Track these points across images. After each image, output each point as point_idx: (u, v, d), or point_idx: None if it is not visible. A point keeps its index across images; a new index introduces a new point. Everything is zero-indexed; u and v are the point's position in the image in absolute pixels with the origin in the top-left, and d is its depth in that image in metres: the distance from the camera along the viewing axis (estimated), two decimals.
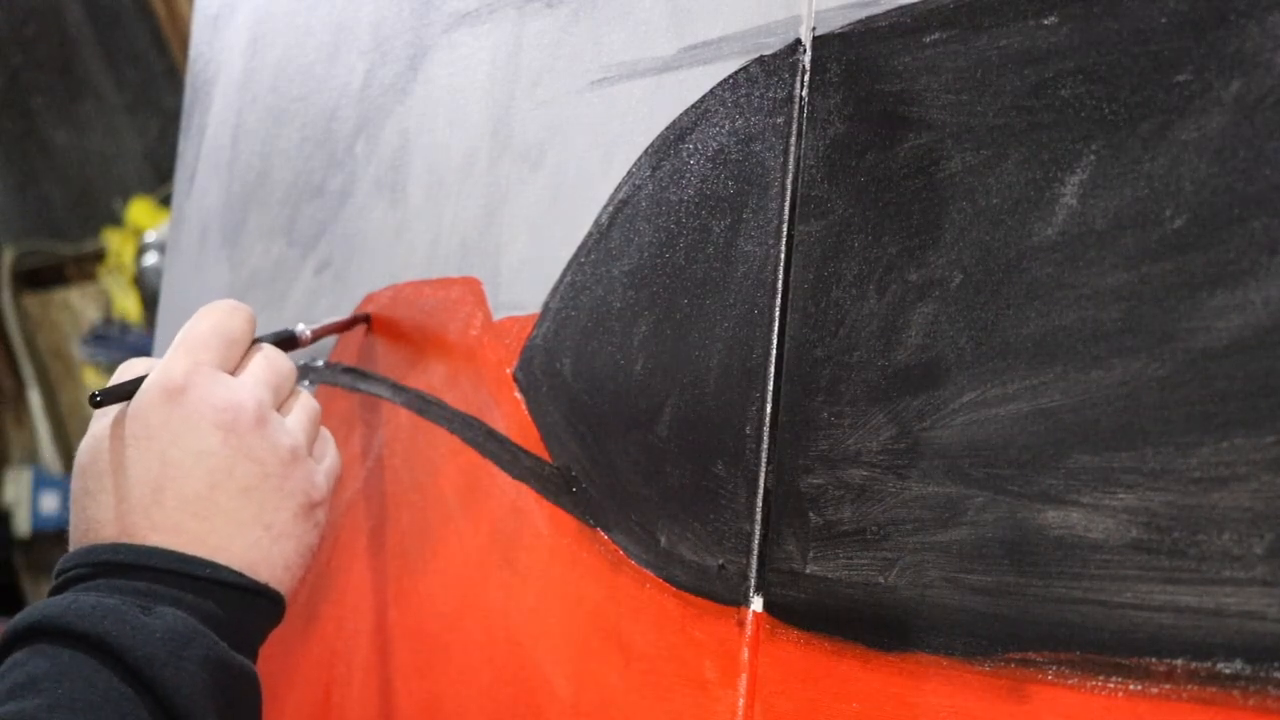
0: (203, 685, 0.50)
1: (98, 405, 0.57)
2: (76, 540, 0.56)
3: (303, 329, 0.70)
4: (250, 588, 0.55)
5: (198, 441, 0.55)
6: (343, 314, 0.81)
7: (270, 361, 0.60)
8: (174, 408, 0.55)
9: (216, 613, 0.53)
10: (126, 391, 0.57)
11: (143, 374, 0.57)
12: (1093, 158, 0.41)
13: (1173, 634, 0.37)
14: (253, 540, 0.55)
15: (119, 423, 0.56)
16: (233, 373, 0.59)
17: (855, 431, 0.47)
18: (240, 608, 0.54)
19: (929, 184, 0.46)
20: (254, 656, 0.55)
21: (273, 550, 0.56)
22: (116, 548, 0.53)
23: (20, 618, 0.51)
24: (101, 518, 0.55)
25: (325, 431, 0.64)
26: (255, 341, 0.62)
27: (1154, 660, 0.37)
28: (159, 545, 0.53)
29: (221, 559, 0.54)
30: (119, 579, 0.52)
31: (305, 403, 0.62)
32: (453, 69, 0.74)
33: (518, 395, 0.65)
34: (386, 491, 0.75)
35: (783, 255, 0.52)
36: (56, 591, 0.53)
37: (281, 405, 0.60)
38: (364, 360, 0.79)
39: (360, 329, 0.79)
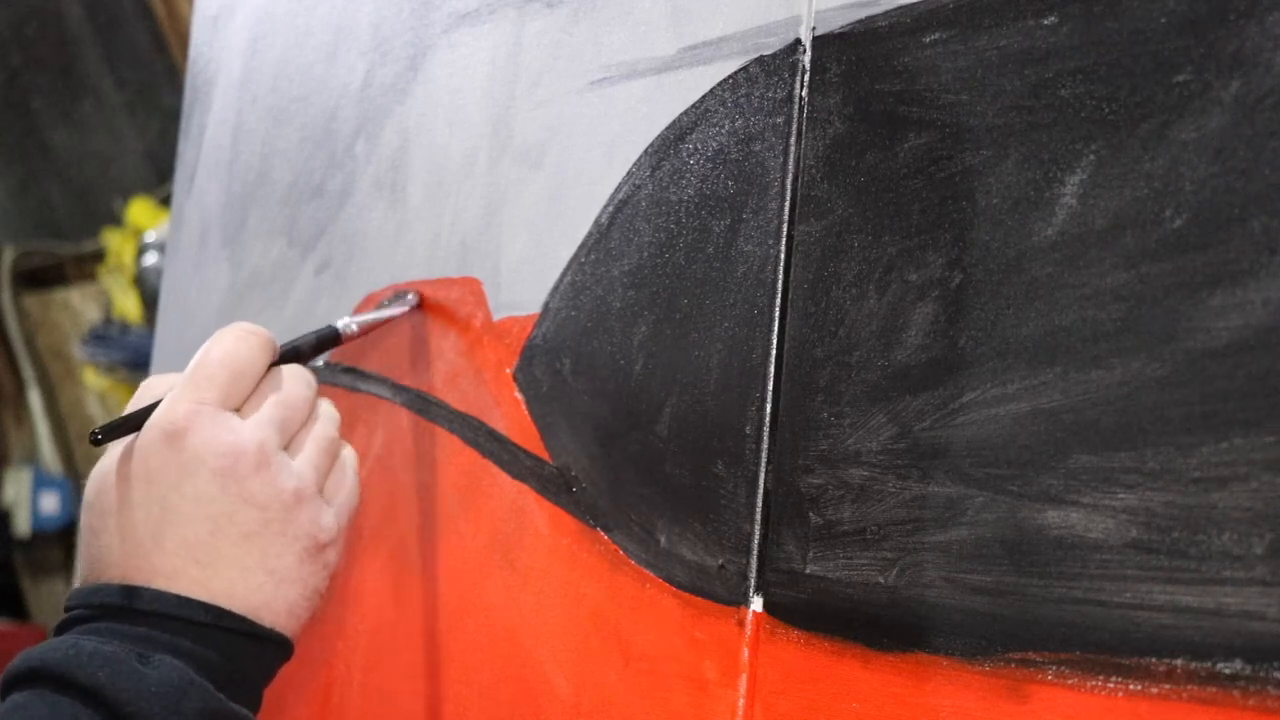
0: None
1: (98, 443, 0.56)
2: (83, 576, 0.56)
3: (347, 324, 0.67)
4: (253, 633, 0.54)
5: (196, 487, 0.54)
6: (344, 314, 0.80)
7: (282, 394, 0.58)
8: (174, 452, 0.55)
9: (216, 660, 0.53)
10: (128, 427, 0.56)
11: (154, 401, 0.57)
12: (1093, 158, 0.41)
13: (1173, 634, 0.37)
14: (256, 585, 0.55)
15: (124, 460, 0.56)
16: (241, 407, 0.57)
17: (855, 431, 0.47)
18: (243, 654, 0.54)
19: (929, 184, 0.46)
20: (257, 701, 0.55)
21: (277, 595, 0.55)
22: (119, 590, 0.53)
23: (21, 659, 0.52)
24: (106, 559, 0.55)
25: (345, 460, 0.62)
26: (285, 350, 0.61)
27: (1154, 660, 0.37)
28: (162, 589, 0.53)
29: (225, 604, 0.54)
30: (120, 623, 0.52)
31: (319, 433, 0.60)
32: (453, 69, 0.74)
33: (518, 395, 0.65)
34: (387, 491, 0.75)
35: (783, 255, 0.51)
36: (62, 628, 0.54)
37: (293, 438, 0.59)
38: (364, 360, 0.79)
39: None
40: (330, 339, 0.66)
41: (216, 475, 0.55)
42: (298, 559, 0.56)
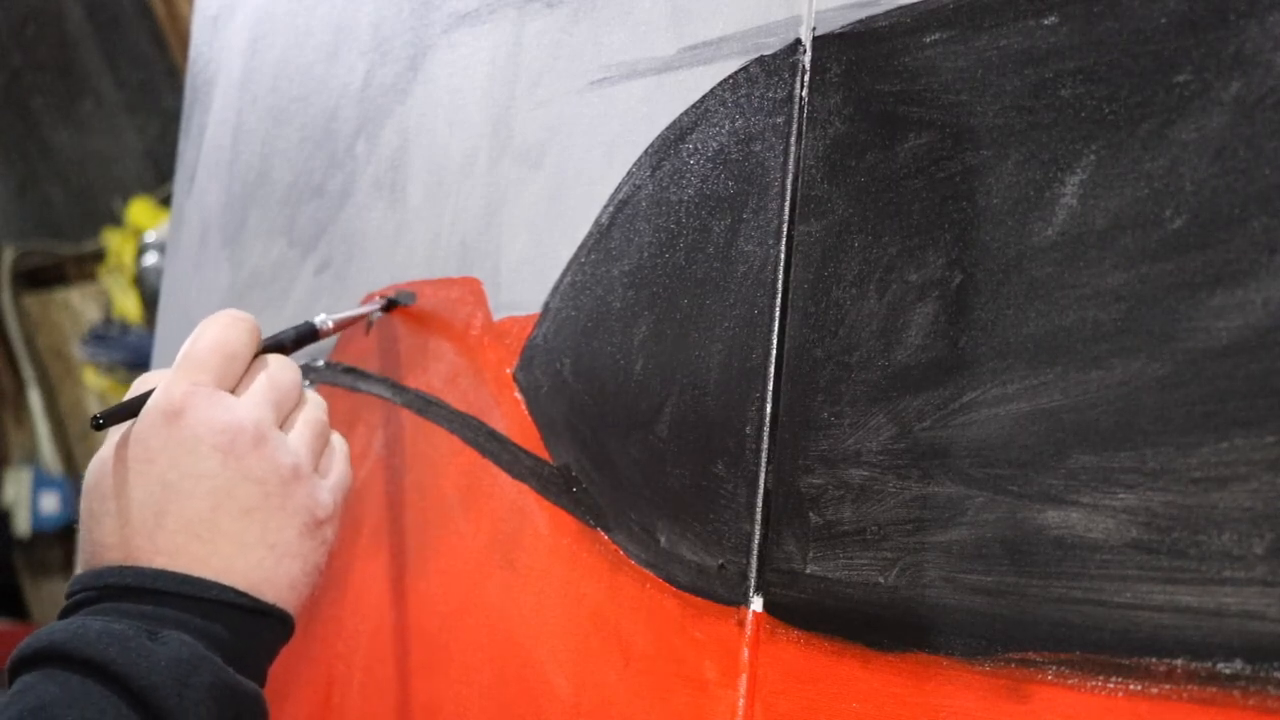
0: (208, 713, 0.50)
1: (99, 428, 0.57)
2: (84, 563, 0.56)
3: (324, 319, 0.69)
4: (256, 608, 0.55)
5: (196, 464, 0.55)
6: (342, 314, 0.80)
7: (272, 376, 0.59)
8: (173, 430, 0.55)
9: (223, 635, 0.53)
10: (128, 412, 0.57)
11: (149, 391, 0.57)
12: (1093, 158, 0.41)
13: (1173, 634, 0.37)
14: (256, 560, 0.55)
15: (122, 445, 0.56)
16: (234, 389, 0.58)
17: (855, 431, 0.47)
18: (247, 629, 0.54)
19: (929, 184, 0.46)
20: (263, 676, 0.55)
21: (277, 570, 0.56)
22: (123, 570, 0.54)
23: (29, 641, 0.52)
24: (106, 541, 0.55)
25: (336, 442, 0.63)
26: (267, 343, 0.62)
27: (1154, 660, 0.37)
28: (164, 568, 0.54)
29: (226, 580, 0.54)
30: (126, 602, 0.53)
31: (310, 416, 0.61)
32: (453, 69, 0.74)
33: (518, 395, 0.65)
34: (387, 491, 0.75)
35: (783, 255, 0.52)
36: (65, 614, 0.54)
37: (285, 420, 0.60)
38: (364, 360, 0.79)
39: (362, 325, 0.79)
40: (308, 334, 0.67)
41: (215, 451, 0.55)
42: (297, 533, 0.57)
